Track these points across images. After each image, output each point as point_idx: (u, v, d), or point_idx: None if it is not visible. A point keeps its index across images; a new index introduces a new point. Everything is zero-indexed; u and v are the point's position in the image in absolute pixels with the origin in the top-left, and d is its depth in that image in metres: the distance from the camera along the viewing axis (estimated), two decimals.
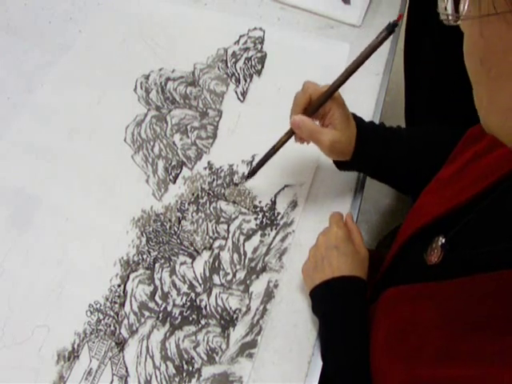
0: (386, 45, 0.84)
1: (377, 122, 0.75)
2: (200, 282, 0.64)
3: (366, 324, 0.54)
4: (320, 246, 0.61)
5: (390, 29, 0.52)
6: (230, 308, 0.63)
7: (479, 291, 0.41)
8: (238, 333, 0.61)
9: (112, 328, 0.62)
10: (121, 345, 0.61)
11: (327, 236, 0.61)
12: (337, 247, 0.59)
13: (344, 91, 0.58)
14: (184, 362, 0.59)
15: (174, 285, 0.64)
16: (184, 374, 0.59)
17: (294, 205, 0.70)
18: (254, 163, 0.69)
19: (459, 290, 0.42)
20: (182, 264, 0.66)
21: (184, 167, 0.73)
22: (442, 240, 0.48)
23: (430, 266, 0.48)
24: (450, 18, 0.34)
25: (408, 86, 1.26)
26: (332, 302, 0.57)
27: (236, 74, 0.82)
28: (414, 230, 0.53)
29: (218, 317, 0.62)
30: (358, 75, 0.57)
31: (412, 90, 1.25)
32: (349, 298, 0.57)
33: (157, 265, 0.66)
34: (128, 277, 0.65)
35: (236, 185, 0.72)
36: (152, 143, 0.76)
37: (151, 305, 0.63)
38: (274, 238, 0.67)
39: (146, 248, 0.67)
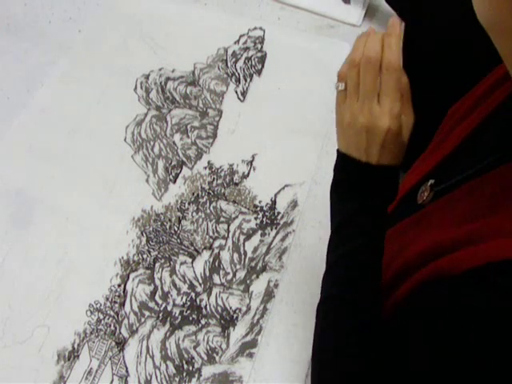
0: None
1: None
2: (200, 281, 0.64)
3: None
4: None
5: None
6: (230, 308, 0.62)
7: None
8: (238, 332, 0.61)
9: (112, 328, 0.62)
10: (121, 344, 0.61)
11: None
12: None
13: None
14: (184, 362, 0.59)
15: (174, 284, 0.64)
16: (184, 374, 0.59)
17: (294, 204, 0.70)
18: (255, 163, 0.69)
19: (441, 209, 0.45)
20: (182, 264, 0.66)
21: (184, 167, 0.73)
22: (432, 181, 0.50)
23: (419, 205, 0.50)
24: None
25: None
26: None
27: (236, 74, 0.82)
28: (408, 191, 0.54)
29: (218, 316, 0.62)
30: None
31: (412, 89, 1.25)
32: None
33: (157, 264, 0.66)
34: (128, 276, 0.65)
35: (236, 184, 0.72)
36: (152, 143, 0.76)
37: (151, 304, 0.63)
38: (274, 237, 0.67)
39: (146, 248, 0.67)
